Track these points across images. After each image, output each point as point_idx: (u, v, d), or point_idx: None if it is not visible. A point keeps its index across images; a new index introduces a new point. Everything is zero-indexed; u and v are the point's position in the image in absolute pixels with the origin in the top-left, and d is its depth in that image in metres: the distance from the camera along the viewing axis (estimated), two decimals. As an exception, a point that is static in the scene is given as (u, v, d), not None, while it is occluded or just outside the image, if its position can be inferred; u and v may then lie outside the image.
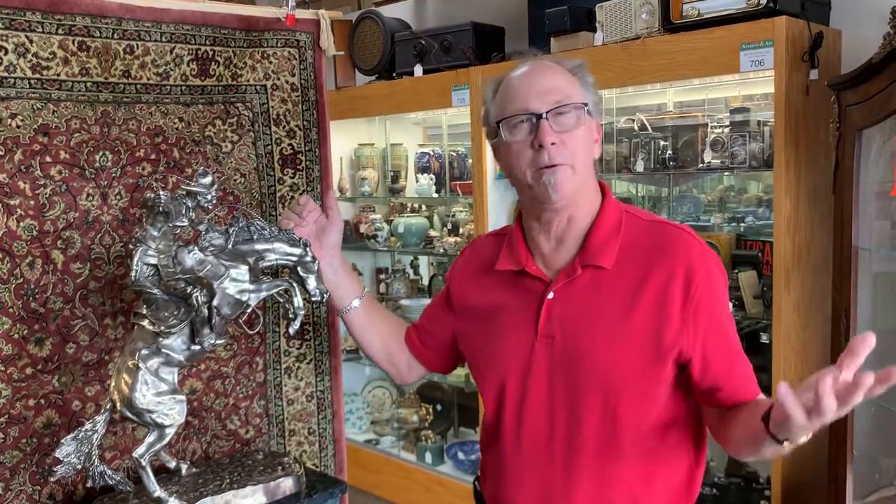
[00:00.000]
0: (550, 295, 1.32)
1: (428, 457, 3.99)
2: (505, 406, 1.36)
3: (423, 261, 4.65)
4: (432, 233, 4.15)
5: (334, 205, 1.55)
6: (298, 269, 1.44)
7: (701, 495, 1.39)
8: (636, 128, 2.99)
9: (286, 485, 1.38)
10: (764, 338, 2.64)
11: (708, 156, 2.82)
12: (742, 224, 3.03)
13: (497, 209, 3.36)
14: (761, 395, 1.30)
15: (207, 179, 1.28)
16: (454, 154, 4.11)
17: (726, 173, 3.11)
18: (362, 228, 4.37)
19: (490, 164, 3.35)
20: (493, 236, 1.53)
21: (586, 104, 1.31)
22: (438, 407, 4.28)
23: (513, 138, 1.30)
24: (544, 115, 1.27)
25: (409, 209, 4.43)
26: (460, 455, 3.91)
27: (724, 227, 3.00)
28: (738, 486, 2.86)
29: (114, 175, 1.51)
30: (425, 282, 4.54)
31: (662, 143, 2.95)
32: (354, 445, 4.09)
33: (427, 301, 4.13)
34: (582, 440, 1.28)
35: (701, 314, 1.26)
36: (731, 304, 2.65)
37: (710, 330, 1.27)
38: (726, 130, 2.77)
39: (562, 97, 1.28)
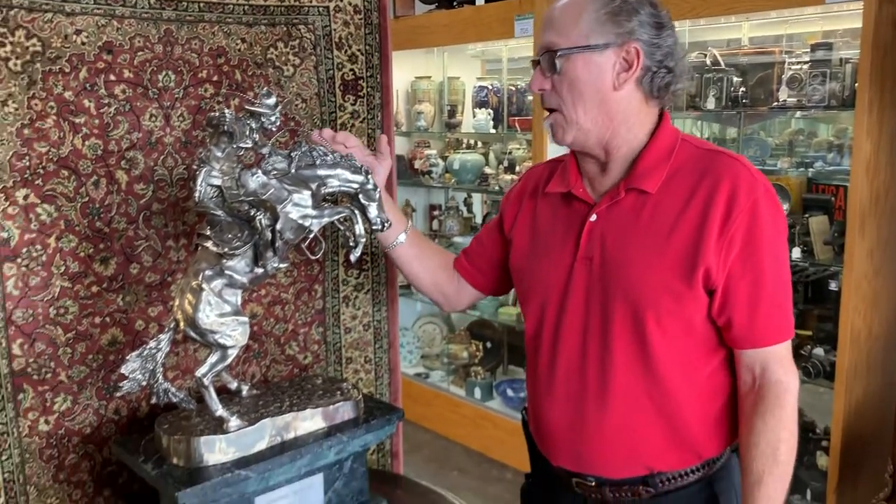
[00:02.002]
0: (593, 217, 1.32)
1: (477, 392, 4.02)
2: (543, 326, 1.37)
3: (477, 198, 4.61)
4: (487, 170, 4.09)
5: (385, 150, 1.54)
6: (360, 196, 1.41)
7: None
8: (708, 63, 2.86)
9: (345, 410, 1.38)
10: (833, 285, 2.55)
11: (783, 94, 2.68)
12: (810, 169, 2.91)
13: (556, 146, 3.28)
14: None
15: (272, 100, 1.26)
16: (513, 88, 4.01)
17: (796, 115, 2.97)
18: (417, 164, 4.33)
19: (552, 98, 3.26)
20: (549, 163, 1.53)
21: (590, 45, 1.24)
22: (488, 344, 4.30)
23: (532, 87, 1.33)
24: (538, 60, 1.28)
25: (464, 145, 4.37)
26: (509, 392, 3.93)
27: (792, 172, 2.87)
28: (794, 436, 2.81)
29: (176, 96, 1.49)
30: (478, 220, 4.50)
31: (735, 79, 2.81)
32: (405, 378, 4.14)
33: (481, 238, 4.10)
34: (613, 361, 1.28)
35: (735, 245, 1.22)
36: (798, 250, 2.57)
37: (740, 262, 1.23)
38: (805, 67, 2.62)
39: (554, 39, 1.26)
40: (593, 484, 1.33)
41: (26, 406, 1.38)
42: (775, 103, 2.77)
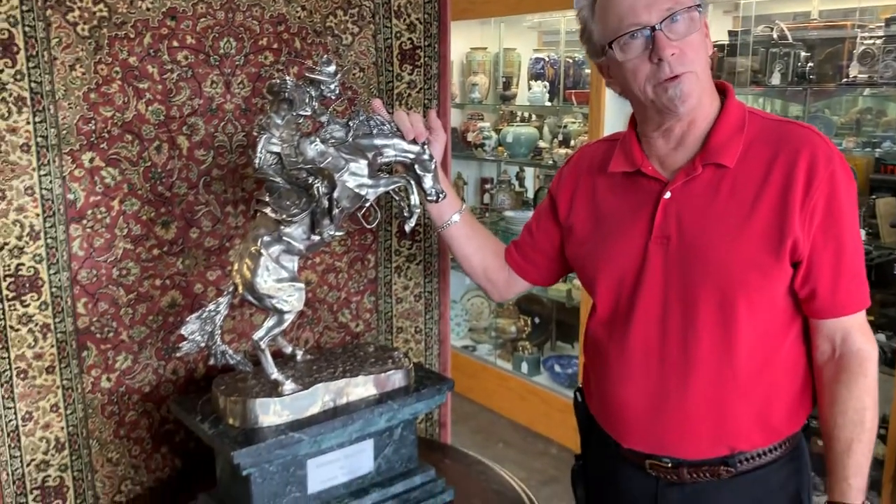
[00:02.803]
0: (667, 195, 1.27)
1: (524, 367, 4.03)
2: (615, 309, 1.34)
3: (529, 173, 4.57)
4: (541, 144, 4.05)
5: (439, 125, 1.50)
6: (416, 167, 1.41)
7: (807, 424, 1.35)
8: (774, 37, 2.76)
9: (396, 378, 1.39)
10: (897, 270, 2.47)
11: (854, 70, 2.58)
12: (878, 149, 2.80)
13: (614, 120, 3.22)
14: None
15: (331, 68, 1.26)
16: (570, 61, 3.95)
17: (865, 93, 2.86)
18: (470, 137, 4.31)
19: (610, 71, 3.19)
20: (604, 142, 1.47)
21: (699, 3, 1.21)
22: (537, 319, 4.29)
23: (626, 56, 1.22)
24: (658, 27, 1.18)
25: (518, 118, 4.33)
26: (557, 368, 3.92)
27: (857, 152, 2.77)
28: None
29: (237, 63, 1.51)
30: (530, 194, 4.47)
31: (802, 54, 2.71)
32: (452, 350, 4.16)
33: (531, 214, 4.08)
34: (697, 341, 1.25)
35: (817, 215, 1.20)
36: (863, 232, 2.48)
37: (822, 232, 1.21)
38: (878, 42, 2.51)
39: (671, 2, 1.19)
40: (669, 465, 1.31)
41: (89, 363, 1.43)
42: (844, 80, 2.67)
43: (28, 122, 1.30)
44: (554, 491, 3.30)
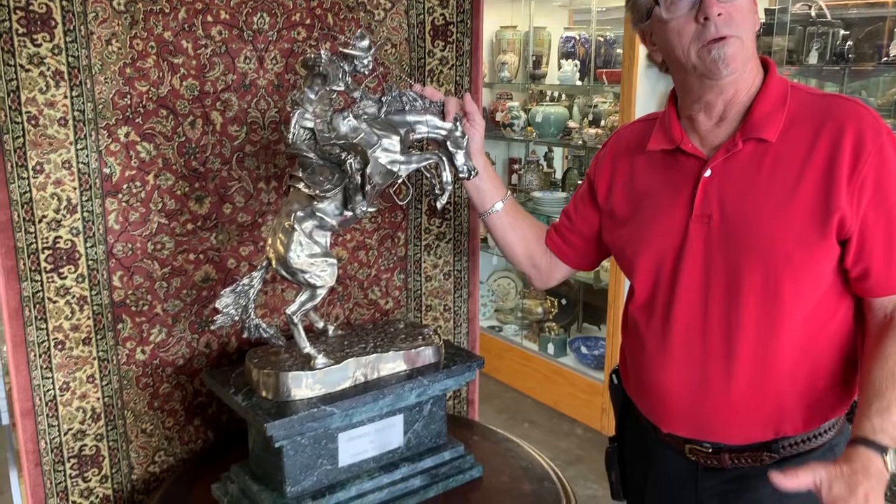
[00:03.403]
0: (707, 173, 1.25)
1: (550, 348, 4.02)
2: (655, 291, 1.31)
3: (558, 153, 4.54)
4: (571, 123, 4.01)
5: (475, 108, 1.47)
6: (448, 143, 1.41)
7: (851, 408, 1.32)
8: (812, 14, 2.70)
9: (426, 354, 1.40)
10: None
11: (894, 49, 2.52)
12: (917, 131, 2.73)
13: (646, 100, 3.17)
14: None
15: (365, 43, 1.25)
16: (601, 39, 3.90)
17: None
18: (498, 116, 4.29)
19: (643, 50, 3.14)
20: (642, 121, 1.45)
21: None
22: (563, 301, 4.27)
23: (672, 14, 1.19)
24: None
25: (548, 98, 4.29)
26: (583, 349, 3.91)
27: (898, 133, 2.71)
28: None
29: (270, 38, 1.51)
30: (559, 175, 4.44)
31: (842, 32, 2.65)
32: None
33: (560, 195, 4.05)
34: (740, 323, 1.22)
35: (866, 190, 1.16)
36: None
37: (873, 208, 1.17)
38: (921, 20, 2.45)
39: None
40: (710, 450, 1.29)
41: (125, 335, 1.45)
42: (884, 59, 2.61)
43: (65, 97, 1.31)
44: (579, 471, 3.31)
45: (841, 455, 1.12)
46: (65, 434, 1.41)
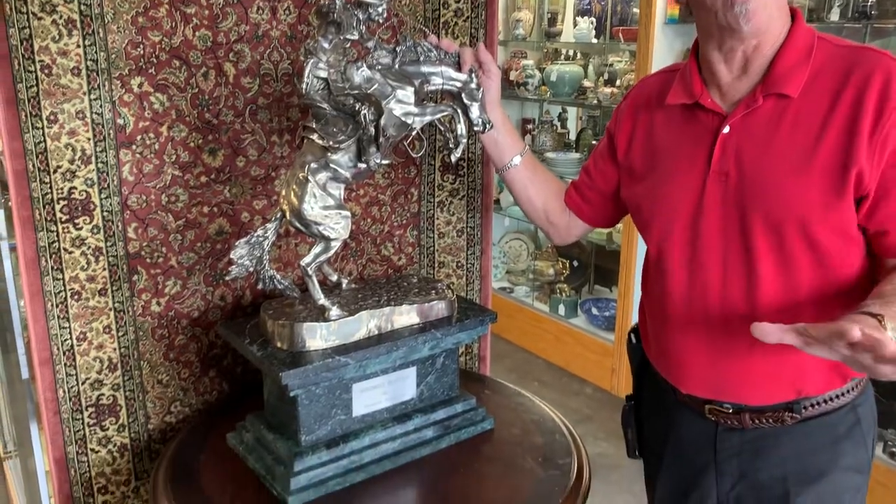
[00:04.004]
0: (726, 129, 1.21)
1: (561, 309, 4.03)
2: (672, 250, 1.29)
3: (572, 114, 4.49)
4: (586, 83, 3.97)
5: (490, 59, 1.45)
6: (463, 96, 1.39)
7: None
8: (836, -30, 2.64)
9: (439, 308, 1.40)
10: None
11: (919, 5, 2.46)
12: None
13: (663, 58, 3.13)
14: None
15: (379, -10, 1.23)
16: (618, -4, 3.82)
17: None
18: (512, 75, 4.24)
19: (660, 7, 3.09)
20: (663, 73, 1.41)
21: None
22: (575, 263, 4.27)
23: None
24: None
25: (563, 56, 4.23)
26: (594, 310, 3.92)
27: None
28: (893, 370, 2.71)
29: (283, -11, 1.49)
30: (572, 136, 4.40)
31: (865, -12, 2.59)
32: (490, 291, 4.18)
33: (573, 156, 4.02)
34: (759, 282, 1.20)
35: (889, 145, 1.12)
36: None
37: (892, 164, 1.13)
38: (948, -25, 2.39)
39: None
40: (730, 411, 1.28)
41: (140, 287, 1.46)
42: (908, 16, 2.55)
43: (78, 46, 1.31)
44: (588, 430, 3.34)
45: None
46: (82, 383, 1.43)
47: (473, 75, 1.39)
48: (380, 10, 1.24)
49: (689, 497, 1.38)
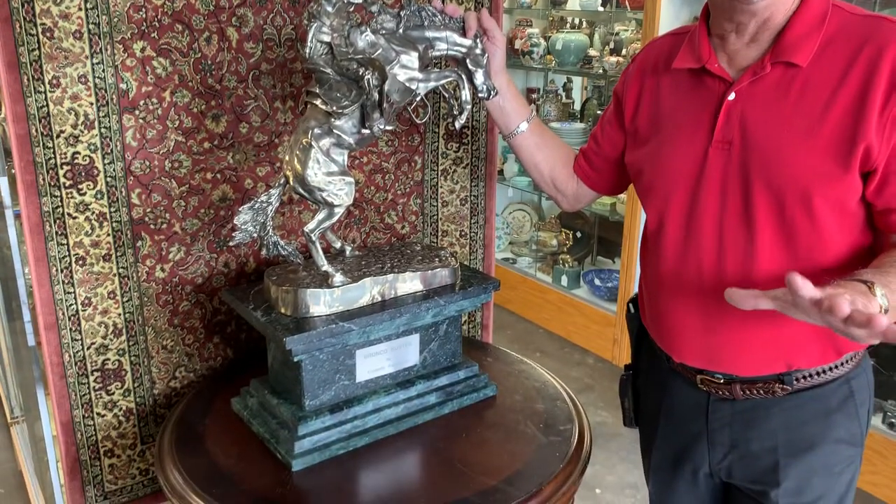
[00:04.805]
0: (731, 96, 1.19)
1: (564, 280, 4.04)
2: (670, 218, 1.28)
3: (577, 83, 4.46)
4: (591, 52, 3.93)
5: (494, 25, 1.43)
6: (467, 61, 1.38)
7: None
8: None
9: (442, 275, 1.40)
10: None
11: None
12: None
13: (670, 26, 3.09)
14: None
15: (383, -46, 1.22)
16: (625, -36, 3.77)
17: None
18: (517, 44, 4.20)
19: (667, -26, 3.05)
20: (672, 35, 1.38)
21: None
22: (578, 234, 4.27)
23: None
24: None
25: (568, 25, 4.19)
26: (597, 281, 3.92)
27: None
28: (894, 342, 2.72)
29: (286, -48, 1.47)
30: (577, 106, 4.37)
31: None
32: (493, 261, 4.18)
33: (578, 126, 4.00)
34: (756, 253, 1.19)
35: None
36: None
37: None
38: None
39: None
40: (722, 381, 1.28)
41: (144, 253, 1.46)
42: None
43: (80, 9, 1.29)
44: (589, 399, 3.36)
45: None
46: (88, 348, 1.44)
47: (478, 41, 1.38)
48: (384, -27, 1.22)
49: (683, 466, 1.39)
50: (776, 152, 1.16)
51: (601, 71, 3.75)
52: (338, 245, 1.45)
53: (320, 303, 1.28)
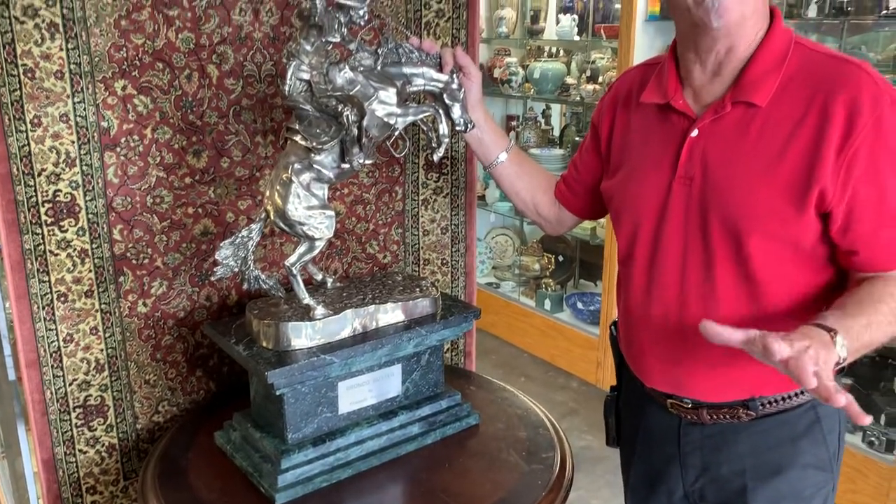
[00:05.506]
0: (694, 132, 1.21)
1: (547, 304, 4.06)
2: (636, 249, 1.30)
3: (556, 110, 4.52)
4: (569, 80, 3.99)
5: (469, 61, 1.45)
6: (444, 96, 1.41)
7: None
8: (813, -33, 2.68)
9: (423, 305, 1.42)
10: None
11: (894, 1, 2.50)
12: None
13: (645, 55, 3.15)
14: None
15: (360, -6, 1.25)
16: (600, -7, 3.85)
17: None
18: (496, 73, 4.26)
19: (641, 4, 3.12)
20: (643, 66, 1.41)
21: None
22: (560, 258, 4.30)
23: None
24: None
25: (546, 53, 4.26)
26: (579, 305, 3.95)
27: None
28: (871, 361, 2.76)
29: (265, -10, 1.50)
30: (556, 132, 4.43)
31: (842, -15, 2.63)
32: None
33: (557, 152, 4.05)
34: (715, 286, 1.21)
35: (858, 163, 1.10)
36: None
37: (864, 183, 1.11)
38: (922, -28, 2.43)
39: None
40: (689, 406, 1.30)
41: (126, 288, 1.47)
42: (884, 12, 2.59)
43: (61, 49, 1.31)
44: (573, 423, 3.37)
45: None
46: (70, 384, 1.44)
47: (454, 76, 1.41)
48: (361, 12, 1.25)
49: (658, 488, 1.40)
50: (734, 190, 1.17)
51: (579, 98, 3.80)
52: (319, 277, 1.46)
53: (302, 336, 1.29)
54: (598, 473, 2.96)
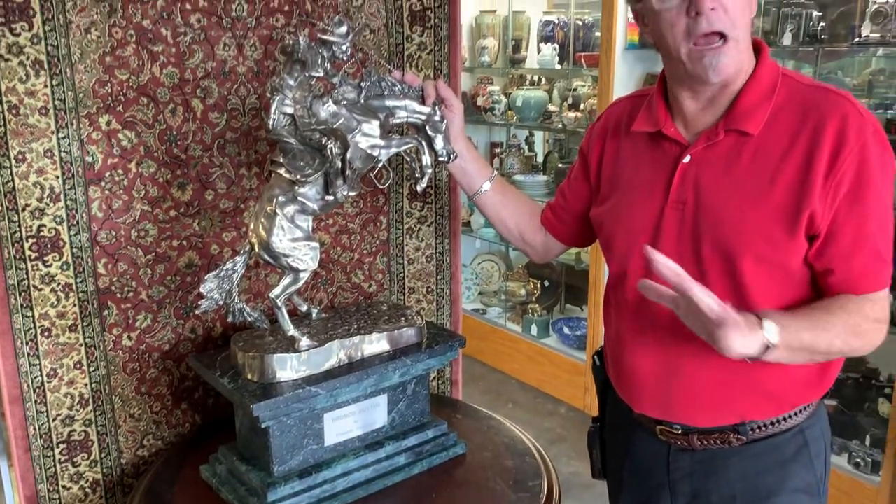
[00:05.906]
0: (686, 158, 1.25)
1: (533, 329, 4.06)
2: (628, 274, 1.32)
3: (539, 137, 4.57)
4: (551, 107, 4.04)
5: (451, 94, 1.48)
6: (427, 128, 1.43)
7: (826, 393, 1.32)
8: (786, -4, 2.74)
9: (409, 334, 1.43)
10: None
11: (866, 29, 2.56)
12: (889, 111, 2.79)
13: (625, 83, 3.20)
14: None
15: (343, 29, 1.27)
16: (580, 23, 3.92)
17: (878, 54, 2.84)
18: (479, 101, 4.30)
19: (620, 33, 3.17)
20: (632, 98, 1.44)
21: None
22: (546, 283, 4.32)
23: (664, 5, 1.18)
24: None
25: (528, 82, 4.31)
26: (566, 330, 3.96)
27: (870, 114, 2.77)
28: (855, 382, 2.78)
29: (249, 25, 1.52)
30: (539, 158, 4.47)
31: (814, 14, 2.69)
32: (462, 312, 4.20)
33: (541, 178, 4.09)
34: None
35: (842, 188, 1.15)
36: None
37: (846, 207, 1.16)
38: (892, 1, 2.49)
39: None
40: (679, 431, 1.31)
41: (111, 322, 1.47)
42: (856, 39, 2.65)
43: (46, 86, 1.32)
44: (561, 450, 3.36)
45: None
46: (53, 420, 1.43)
47: (437, 108, 1.43)
48: (344, 47, 1.27)
49: None
50: (727, 215, 1.21)
51: (561, 125, 3.85)
52: (304, 308, 1.47)
53: (287, 368, 1.29)
54: (587, 500, 2.95)
